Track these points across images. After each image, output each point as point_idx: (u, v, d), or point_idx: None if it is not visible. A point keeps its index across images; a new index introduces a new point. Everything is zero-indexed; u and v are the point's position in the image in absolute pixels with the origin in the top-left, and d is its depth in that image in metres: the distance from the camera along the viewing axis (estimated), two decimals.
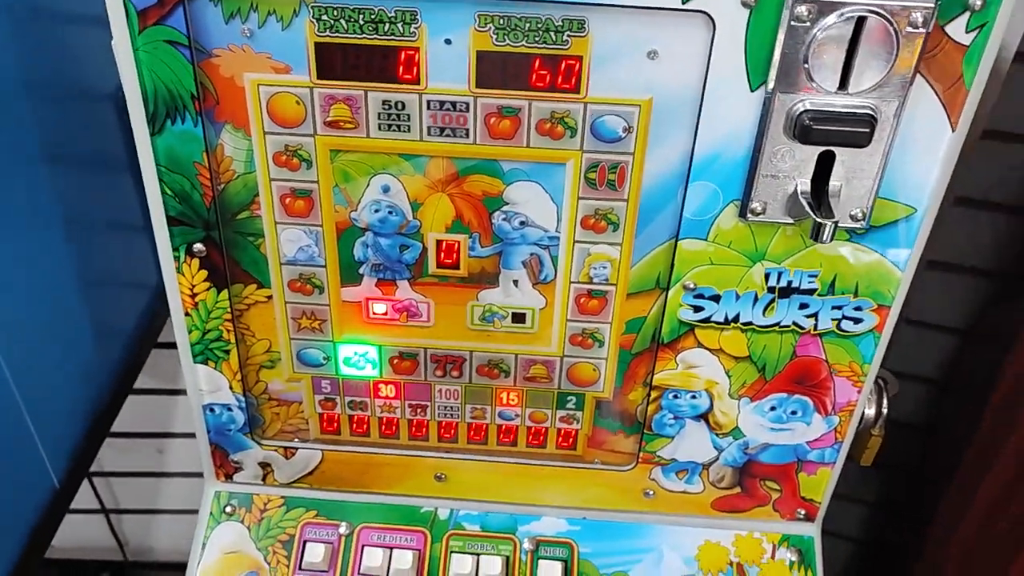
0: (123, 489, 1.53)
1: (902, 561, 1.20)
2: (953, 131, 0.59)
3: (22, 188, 0.79)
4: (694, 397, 0.73)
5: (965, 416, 1.04)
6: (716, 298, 0.68)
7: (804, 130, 0.57)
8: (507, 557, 0.80)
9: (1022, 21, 0.87)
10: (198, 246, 0.67)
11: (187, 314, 0.71)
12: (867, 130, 0.57)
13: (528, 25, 0.57)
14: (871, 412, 0.76)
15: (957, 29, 0.55)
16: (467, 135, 0.62)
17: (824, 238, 0.60)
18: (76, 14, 0.84)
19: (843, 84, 0.56)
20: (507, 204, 0.65)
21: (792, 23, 0.54)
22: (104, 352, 1.00)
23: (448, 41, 0.58)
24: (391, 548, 0.79)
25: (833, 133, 0.57)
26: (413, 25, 0.57)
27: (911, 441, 1.22)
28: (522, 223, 0.66)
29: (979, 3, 0.54)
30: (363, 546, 0.80)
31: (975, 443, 1.00)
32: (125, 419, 1.15)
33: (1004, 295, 1.03)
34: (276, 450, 0.80)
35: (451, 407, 0.77)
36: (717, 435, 0.76)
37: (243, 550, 0.80)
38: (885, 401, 0.77)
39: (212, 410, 0.77)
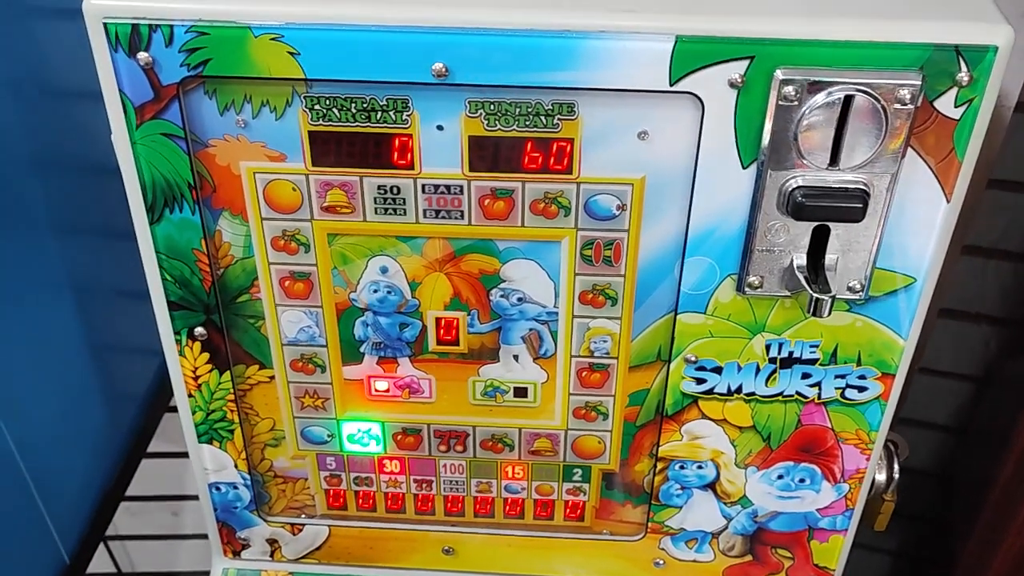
0: (139, 552, 1.53)
1: None
2: (948, 202, 0.59)
3: (32, 258, 0.81)
4: (700, 467, 0.73)
5: (985, 465, 1.03)
6: (718, 370, 0.67)
7: (797, 206, 0.57)
8: None
9: (1021, 71, 0.88)
10: (199, 329, 0.68)
11: (190, 396, 0.71)
12: (860, 205, 0.57)
13: (518, 110, 0.57)
14: (882, 477, 0.75)
15: (946, 104, 0.55)
16: (462, 216, 0.62)
17: (823, 313, 0.59)
18: (87, 91, 0.86)
19: (834, 160, 0.56)
20: (504, 281, 0.65)
21: (780, 103, 0.55)
22: (116, 420, 1.01)
23: (440, 127, 0.59)
24: None
25: (826, 209, 0.57)
26: (405, 113, 0.58)
27: (930, 490, 1.21)
28: (520, 300, 0.66)
29: (966, 79, 0.54)
30: None
31: (997, 492, 0.98)
32: (139, 482, 1.15)
33: (1019, 341, 1.01)
34: (283, 526, 0.80)
35: (456, 481, 0.77)
36: (725, 504, 0.75)
37: None
38: (896, 465, 0.76)
39: (218, 488, 0.77)
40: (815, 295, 0.59)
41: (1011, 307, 1.02)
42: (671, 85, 0.55)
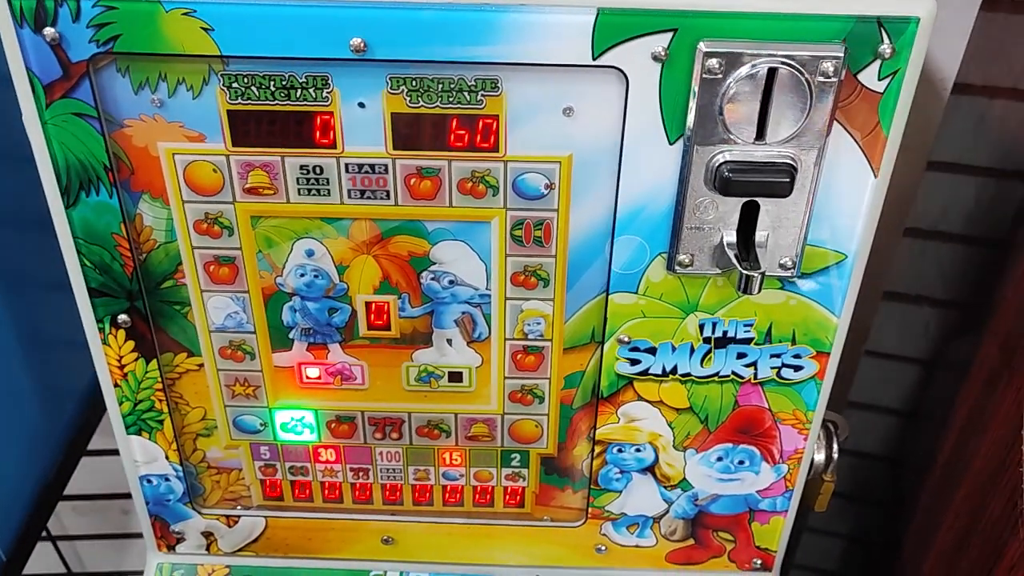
0: (89, 552, 1.50)
1: None
2: (876, 177, 0.58)
3: None
4: (638, 450, 0.72)
5: (928, 446, 1.03)
6: (652, 350, 0.66)
7: (724, 182, 0.57)
8: None
9: (957, 52, 0.88)
10: (122, 317, 0.66)
11: (116, 385, 0.69)
12: (787, 180, 0.56)
13: (441, 86, 0.56)
14: (821, 458, 0.75)
15: (870, 77, 0.55)
16: (388, 196, 0.61)
17: (753, 290, 0.59)
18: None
19: (760, 134, 0.56)
20: (435, 264, 0.64)
21: (704, 76, 0.54)
22: (52, 415, 0.98)
23: (362, 104, 0.57)
24: None
25: (753, 184, 0.57)
26: (325, 90, 0.57)
27: (882, 473, 1.21)
28: (451, 282, 0.65)
29: (889, 51, 0.53)
30: None
31: (936, 472, 0.99)
32: (86, 481, 1.13)
33: (958, 324, 1.02)
34: (218, 519, 0.78)
35: (394, 469, 0.76)
36: (665, 488, 0.74)
37: None
38: (835, 445, 0.76)
39: (150, 481, 0.75)
40: (745, 272, 0.58)
41: (953, 289, 1.03)
42: (594, 59, 0.54)
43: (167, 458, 0.74)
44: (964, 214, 0.98)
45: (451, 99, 0.57)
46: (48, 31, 0.54)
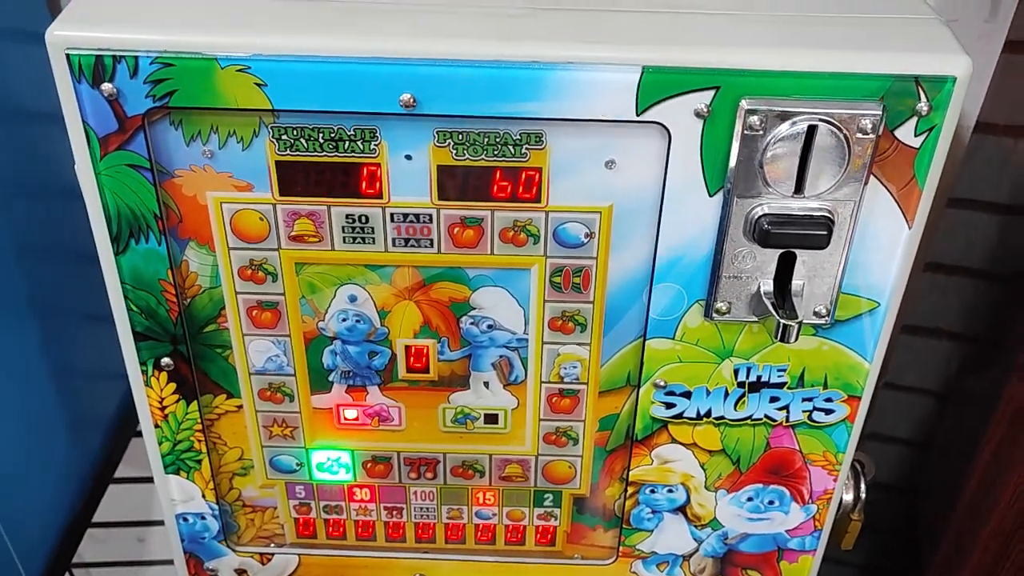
0: None
1: None
2: (910, 228, 0.60)
3: None
4: (671, 491, 0.73)
5: (949, 478, 1.04)
6: (687, 395, 0.67)
7: (763, 234, 0.58)
8: None
9: (980, 92, 0.90)
10: (166, 360, 0.67)
11: (157, 426, 0.70)
12: (825, 232, 0.57)
13: (487, 140, 0.58)
14: (849, 498, 0.76)
15: (906, 133, 0.56)
16: (431, 245, 0.62)
17: (790, 339, 0.60)
18: (52, 113, 0.85)
19: (799, 188, 0.57)
20: (474, 309, 0.65)
21: (745, 132, 0.55)
22: (81, 446, 0.99)
23: (408, 157, 0.59)
24: None
25: (792, 236, 0.58)
26: (373, 143, 0.58)
27: (896, 503, 1.22)
28: (490, 327, 0.66)
29: (926, 109, 0.55)
30: None
31: (962, 506, 1.00)
32: (105, 509, 1.13)
33: (978, 359, 1.03)
34: (252, 556, 0.79)
35: (427, 508, 0.76)
36: (696, 527, 0.75)
37: None
38: (863, 485, 0.77)
39: (186, 519, 0.76)
40: (782, 321, 0.59)
41: (971, 323, 1.04)
42: (638, 115, 0.56)
43: (204, 497, 0.74)
44: (984, 250, 0.99)
45: (496, 152, 0.58)
46: (106, 87, 0.55)
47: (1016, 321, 0.92)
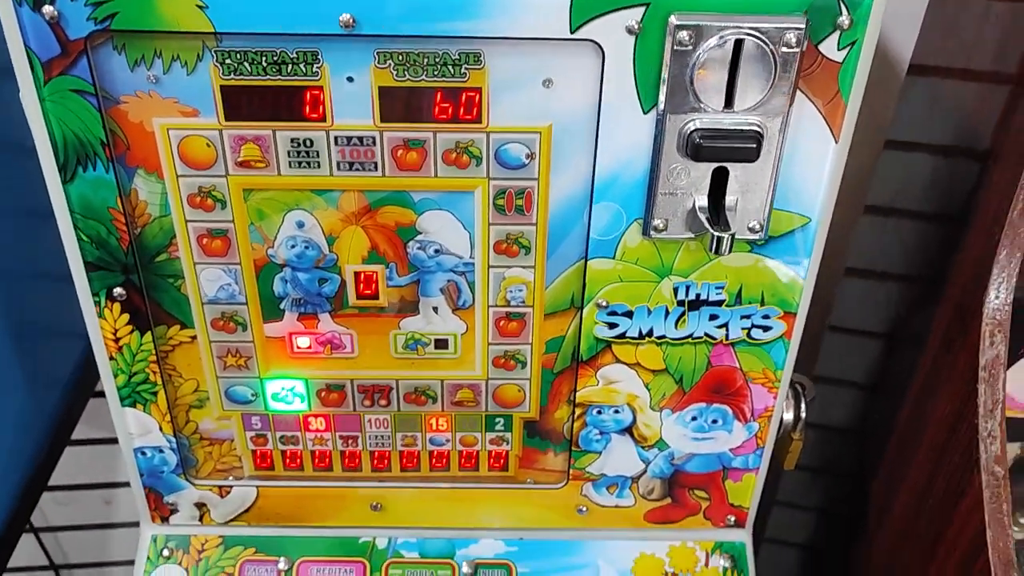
0: (71, 543, 1.51)
1: (842, 564, 1.22)
2: (836, 143, 0.62)
3: None
4: (617, 412, 0.75)
5: (890, 414, 1.08)
6: (629, 314, 0.70)
7: (695, 148, 0.60)
8: None
9: (912, 34, 0.93)
10: (118, 290, 0.68)
11: (112, 358, 0.71)
12: (754, 145, 0.60)
13: (426, 60, 0.59)
14: (789, 417, 0.79)
15: (830, 47, 0.58)
16: (376, 168, 0.64)
17: (723, 250, 0.62)
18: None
19: (729, 103, 0.59)
20: (421, 233, 0.67)
21: (675, 48, 0.57)
22: (38, 403, 0.99)
23: (350, 79, 0.60)
24: None
25: (722, 149, 0.60)
26: (315, 65, 0.59)
27: (847, 445, 1.26)
28: (437, 251, 0.68)
29: (847, 22, 0.57)
30: None
31: (895, 439, 1.03)
32: (69, 471, 1.14)
33: (917, 298, 1.06)
34: (211, 489, 0.80)
35: (382, 436, 0.78)
36: (643, 448, 0.78)
37: None
38: (803, 406, 0.79)
39: (144, 453, 0.77)
40: (716, 233, 0.62)
41: (912, 263, 1.07)
42: (572, 33, 0.57)
43: (161, 430, 0.76)
44: (921, 191, 1.02)
45: (436, 72, 0.60)
46: (47, 9, 0.56)
47: (948, 261, 0.95)
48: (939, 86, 0.96)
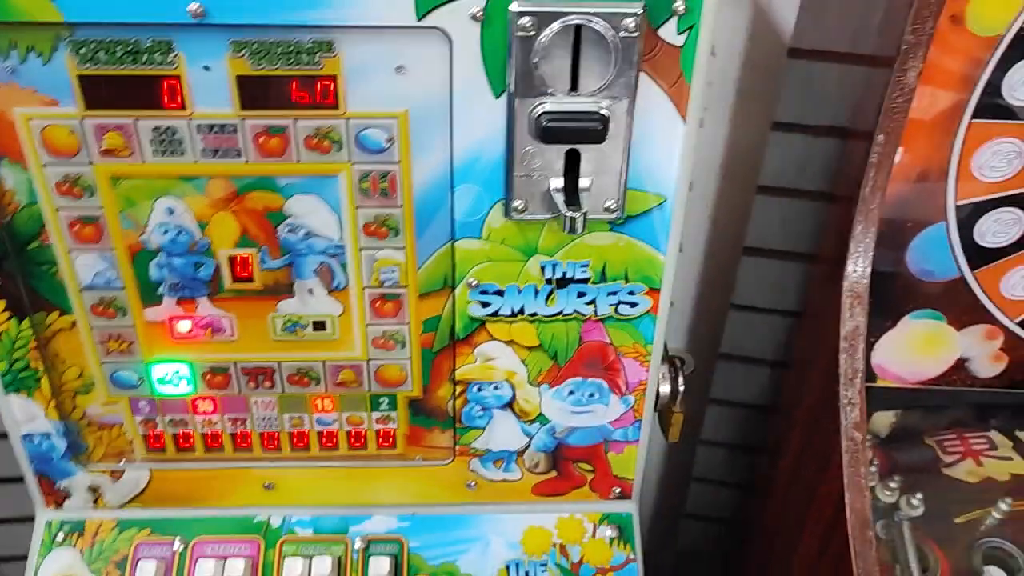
0: None
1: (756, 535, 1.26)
2: (684, 123, 0.64)
3: None
4: (496, 388, 0.78)
5: (792, 394, 1.11)
6: (499, 293, 0.72)
7: (544, 131, 0.62)
8: (339, 557, 0.82)
9: (790, 19, 0.95)
10: None
11: None
12: (599, 127, 0.62)
13: (280, 49, 0.61)
14: (667, 389, 0.81)
15: (669, 32, 0.61)
16: (239, 155, 0.65)
17: (577, 229, 0.65)
18: None
19: (574, 87, 0.61)
20: (290, 217, 0.68)
21: (518, 34, 0.59)
22: None
23: (207, 68, 0.61)
24: (224, 558, 0.82)
25: (569, 131, 0.62)
26: (170, 54, 0.61)
27: (758, 422, 1.29)
28: (307, 234, 0.69)
29: (682, 8, 0.59)
30: (197, 559, 0.82)
31: (779, 414, 1.06)
32: None
33: (813, 274, 1.10)
34: (103, 473, 0.81)
35: (269, 417, 0.80)
36: (525, 423, 0.80)
37: (75, 574, 0.81)
38: (681, 379, 0.82)
39: (31, 439, 0.78)
40: (567, 214, 0.64)
41: (804, 242, 1.10)
42: (419, 20, 0.59)
43: (47, 416, 0.77)
44: (807, 171, 1.05)
45: (291, 61, 0.61)
46: None
47: (840, 240, 0.98)
48: (817, 68, 0.98)
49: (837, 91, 0.98)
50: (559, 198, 0.65)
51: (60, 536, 0.82)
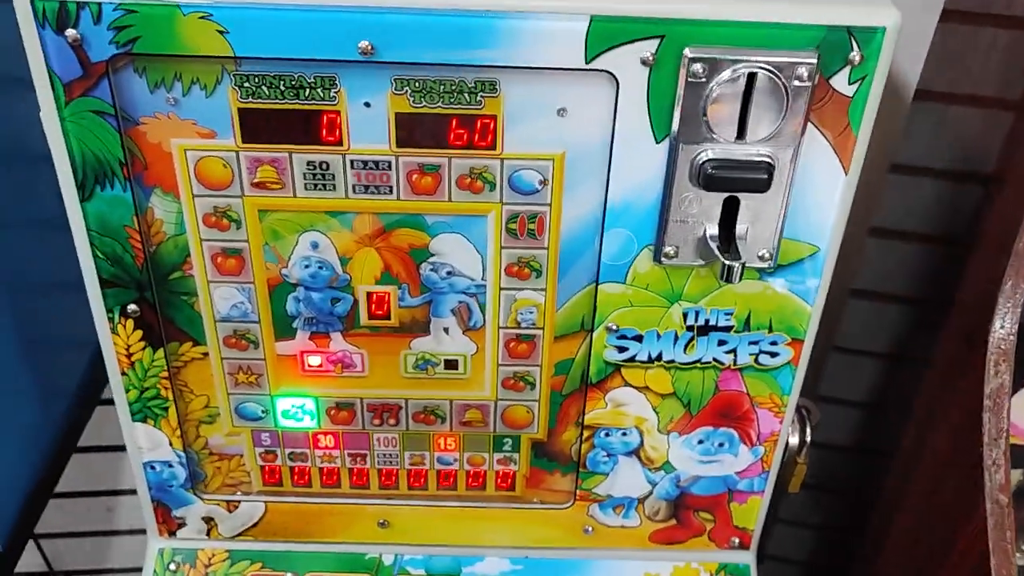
0: (72, 550, 1.51)
1: None
2: (846, 174, 0.63)
3: None
4: (625, 434, 0.76)
5: (888, 439, 1.08)
6: (639, 338, 0.70)
7: (707, 178, 0.61)
8: None
9: (919, 60, 0.93)
10: (132, 307, 0.69)
11: (124, 373, 0.72)
12: (765, 176, 0.60)
13: (443, 87, 0.60)
14: (795, 441, 0.79)
15: (841, 81, 0.59)
16: (391, 192, 0.64)
17: (734, 279, 0.63)
18: (10, 77, 0.85)
19: (741, 134, 0.60)
20: (433, 255, 0.68)
21: (689, 80, 0.58)
22: (46, 412, 1.00)
23: (368, 104, 0.61)
24: None
25: (734, 180, 0.61)
26: (332, 90, 0.60)
27: (850, 464, 1.26)
28: (449, 273, 0.68)
29: (858, 58, 0.58)
30: None
31: (899, 460, 1.04)
32: (72, 478, 1.14)
33: (922, 320, 1.07)
34: (219, 504, 0.81)
35: (390, 454, 0.79)
36: (650, 470, 0.78)
37: None
38: (808, 430, 0.80)
39: (153, 467, 0.78)
40: (726, 262, 0.62)
41: (916, 286, 1.08)
42: (587, 63, 0.58)
43: (171, 445, 0.76)
44: (926, 214, 1.03)
45: (452, 100, 0.60)
46: (70, 32, 0.57)
47: (953, 284, 0.96)
48: (945, 112, 0.97)
49: (957, 134, 0.96)
50: (714, 245, 0.64)
51: (172, 566, 0.82)
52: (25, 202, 0.91)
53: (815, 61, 0.57)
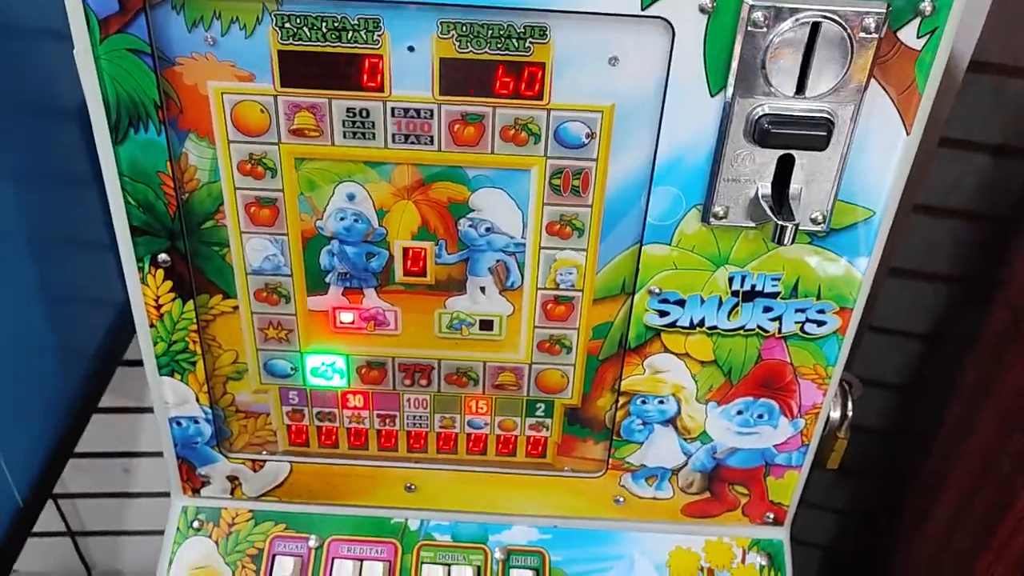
0: (89, 510, 1.51)
1: (871, 567, 1.20)
2: (908, 135, 0.60)
3: None
4: (662, 402, 0.74)
5: (927, 421, 1.06)
6: (681, 303, 0.68)
7: (763, 134, 0.58)
8: (478, 567, 0.79)
9: (974, 31, 0.90)
10: (163, 256, 0.67)
11: (152, 325, 0.70)
12: (824, 133, 0.58)
13: (490, 32, 0.58)
14: (836, 415, 0.77)
15: (909, 34, 0.56)
16: (431, 142, 0.62)
17: (786, 240, 0.61)
18: (37, 28, 0.84)
19: (800, 88, 0.57)
20: (473, 211, 0.65)
21: (749, 28, 0.55)
22: (68, 371, 0.99)
23: (411, 48, 0.58)
24: (361, 560, 0.79)
25: (791, 136, 0.58)
26: (376, 33, 0.58)
27: (881, 447, 1.24)
28: (488, 229, 0.66)
29: (929, 8, 0.55)
30: (333, 559, 0.79)
31: (942, 440, 1.01)
32: (90, 439, 1.13)
33: (965, 299, 1.04)
34: (244, 463, 0.79)
35: (420, 416, 0.77)
36: (685, 440, 0.76)
37: (211, 565, 0.79)
38: (850, 404, 0.78)
39: (179, 423, 0.76)
40: (779, 223, 0.60)
41: (957, 264, 1.05)
42: (642, 9, 0.56)
43: (197, 400, 0.75)
44: (973, 190, 1.00)
45: (499, 45, 0.58)
46: None
47: (1000, 260, 0.93)
48: (1001, 84, 0.93)
49: (1011, 108, 0.93)
50: (767, 205, 0.61)
51: (196, 523, 0.80)
52: (52, 158, 0.89)
53: (884, 11, 0.55)
